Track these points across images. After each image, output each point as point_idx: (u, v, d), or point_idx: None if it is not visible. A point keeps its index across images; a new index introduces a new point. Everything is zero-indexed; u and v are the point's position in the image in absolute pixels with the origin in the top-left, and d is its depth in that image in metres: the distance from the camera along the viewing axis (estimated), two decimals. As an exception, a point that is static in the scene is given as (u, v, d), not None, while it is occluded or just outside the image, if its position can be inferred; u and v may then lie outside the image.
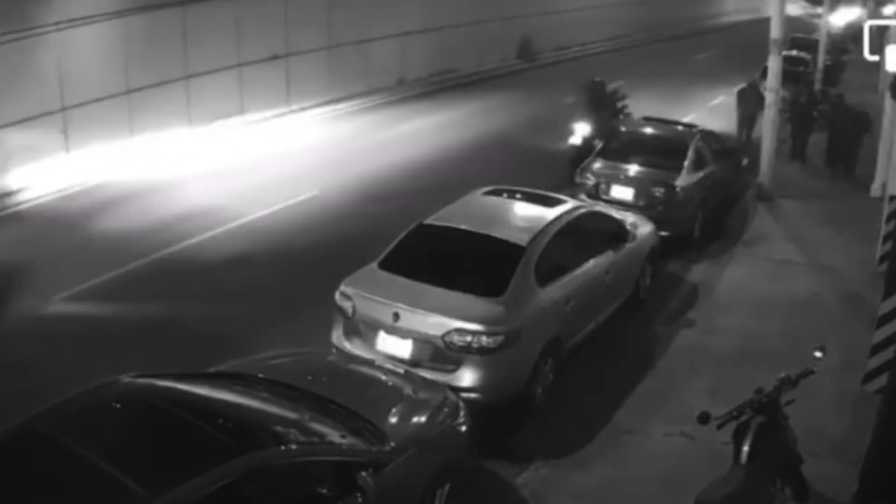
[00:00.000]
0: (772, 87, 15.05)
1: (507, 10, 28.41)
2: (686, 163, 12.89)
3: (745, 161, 15.60)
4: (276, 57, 19.82)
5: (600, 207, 10.99)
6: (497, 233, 8.70)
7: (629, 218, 10.81)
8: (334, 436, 5.72)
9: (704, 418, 5.99)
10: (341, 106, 21.25)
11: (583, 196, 12.38)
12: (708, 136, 14.26)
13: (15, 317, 9.77)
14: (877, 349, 8.62)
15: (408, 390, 6.87)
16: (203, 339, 9.15)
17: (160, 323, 9.63)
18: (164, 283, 10.83)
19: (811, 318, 10.52)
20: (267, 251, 11.87)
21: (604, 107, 16.55)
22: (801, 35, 29.53)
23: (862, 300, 10.78)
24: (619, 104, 17.13)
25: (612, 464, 7.55)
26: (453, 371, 7.66)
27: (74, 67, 15.05)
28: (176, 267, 11.31)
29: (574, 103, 16.77)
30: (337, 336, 8.32)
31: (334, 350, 8.29)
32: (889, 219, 11.55)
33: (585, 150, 14.40)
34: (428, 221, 9.04)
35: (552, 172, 14.60)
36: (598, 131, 15.21)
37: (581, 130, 15.64)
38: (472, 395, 7.51)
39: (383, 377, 7.16)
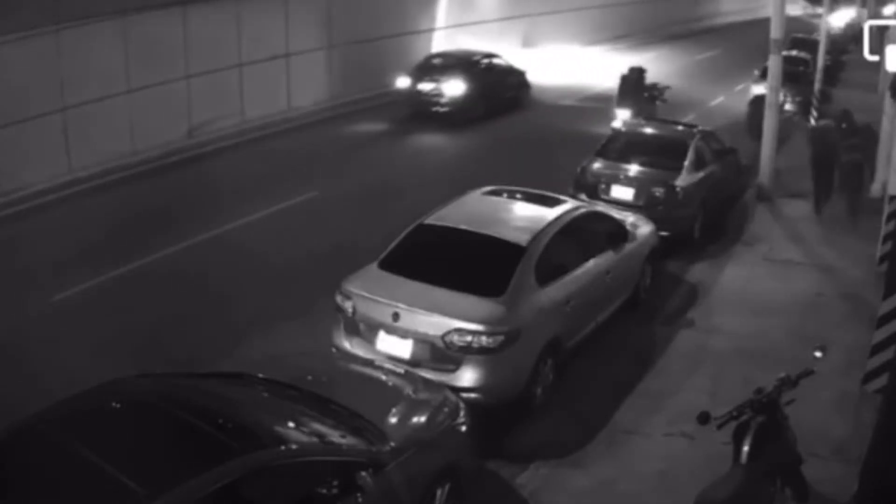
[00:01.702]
0: (772, 87, 15.05)
1: (511, 10, 28.95)
2: (686, 163, 12.88)
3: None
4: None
5: (600, 207, 10.99)
6: (497, 233, 8.70)
7: (629, 218, 10.81)
8: (334, 436, 5.72)
9: (704, 418, 5.99)
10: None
11: (583, 196, 12.38)
12: (708, 136, 14.26)
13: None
14: (877, 349, 8.61)
15: (408, 390, 6.86)
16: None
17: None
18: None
19: (811, 318, 10.51)
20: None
21: (642, 92, 17.88)
22: (801, 35, 29.53)
23: (862, 300, 10.77)
24: (657, 91, 18.54)
25: (611, 464, 7.55)
26: (453, 371, 7.66)
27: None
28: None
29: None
30: (337, 336, 8.33)
31: (334, 350, 8.30)
32: (889, 219, 11.54)
33: None
34: (428, 221, 9.04)
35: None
36: (638, 115, 16.84)
37: (622, 114, 17.19)
38: (472, 396, 7.51)
39: (383, 377, 7.16)
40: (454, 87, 19.40)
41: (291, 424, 5.70)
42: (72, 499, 4.76)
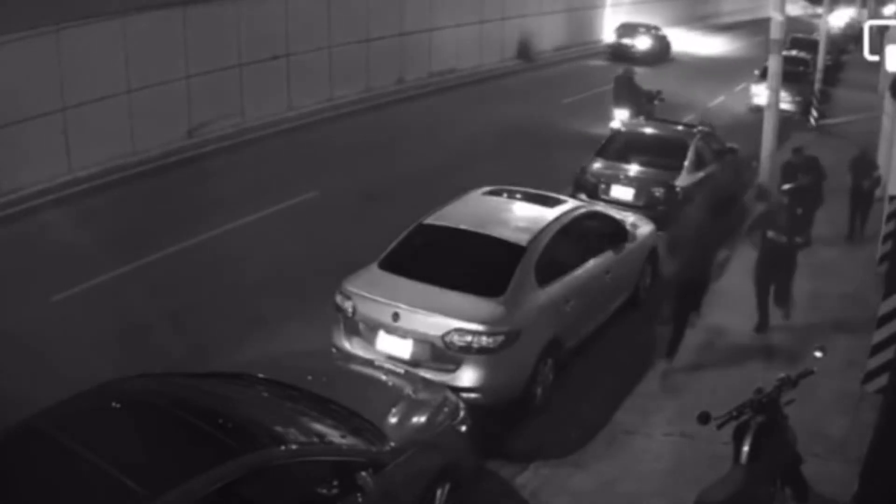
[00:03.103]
0: (772, 87, 15.05)
1: (507, 10, 28.99)
2: (686, 163, 12.89)
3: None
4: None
5: (600, 207, 10.99)
6: (497, 233, 8.70)
7: (629, 218, 10.81)
8: (334, 436, 5.72)
9: (704, 418, 5.99)
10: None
11: (583, 196, 12.39)
12: (708, 136, 14.27)
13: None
14: (877, 349, 8.62)
15: (408, 390, 6.87)
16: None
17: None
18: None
19: (811, 318, 10.51)
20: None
21: (639, 94, 17.95)
22: (801, 35, 29.57)
23: (862, 300, 10.77)
24: (654, 90, 18.60)
25: (612, 464, 7.56)
26: (453, 371, 7.66)
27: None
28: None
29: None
30: (337, 336, 8.33)
31: (334, 350, 8.30)
32: (889, 219, 11.55)
33: None
34: (428, 221, 9.04)
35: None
36: (636, 115, 16.93)
37: (620, 115, 17.31)
38: (472, 396, 7.52)
39: (383, 377, 7.16)
40: (644, 43, 31.95)
41: (291, 424, 5.70)
42: (72, 499, 4.76)
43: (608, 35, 33.95)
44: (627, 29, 32.82)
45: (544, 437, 7.90)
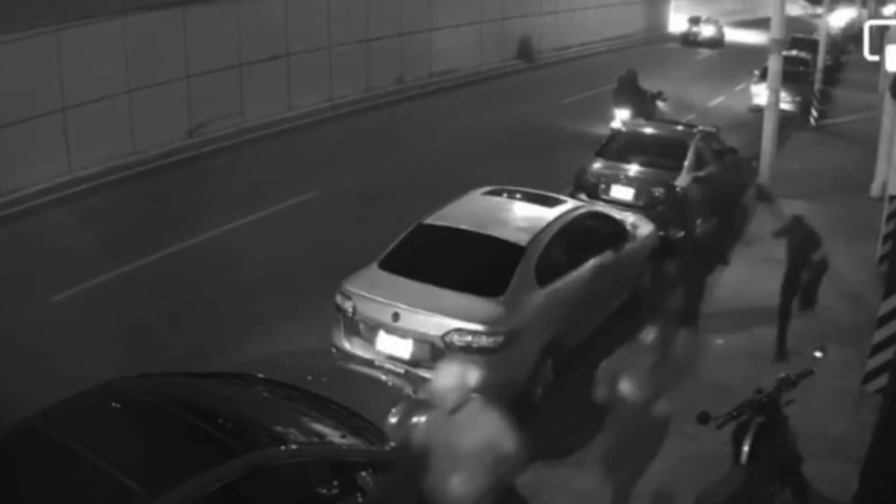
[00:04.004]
0: (772, 87, 15.05)
1: (509, 10, 29.02)
2: (686, 163, 12.88)
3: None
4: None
5: (600, 207, 10.99)
6: (497, 233, 8.70)
7: (629, 218, 10.81)
8: (334, 436, 5.71)
9: (704, 418, 5.99)
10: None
11: (583, 196, 12.38)
12: (708, 136, 14.26)
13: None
14: (877, 349, 8.61)
15: (408, 390, 6.86)
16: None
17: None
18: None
19: (811, 318, 10.49)
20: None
21: (640, 93, 17.96)
22: (801, 35, 29.59)
23: (862, 300, 10.76)
24: (656, 91, 18.59)
25: (612, 464, 7.53)
26: (453, 371, 7.64)
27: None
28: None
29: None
30: (337, 336, 8.33)
31: (334, 350, 8.30)
32: (889, 219, 11.54)
33: None
34: (428, 221, 9.04)
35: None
36: (637, 115, 16.88)
37: (621, 115, 17.36)
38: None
39: (383, 377, 7.15)
40: (708, 31, 39.78)
41: (291, 424, 5.69)
42: (72, 499, 4.76)
43: (675, 25, 42.84)
44: (695, 20, 40.80)
45: (544, 437, 7.87)
